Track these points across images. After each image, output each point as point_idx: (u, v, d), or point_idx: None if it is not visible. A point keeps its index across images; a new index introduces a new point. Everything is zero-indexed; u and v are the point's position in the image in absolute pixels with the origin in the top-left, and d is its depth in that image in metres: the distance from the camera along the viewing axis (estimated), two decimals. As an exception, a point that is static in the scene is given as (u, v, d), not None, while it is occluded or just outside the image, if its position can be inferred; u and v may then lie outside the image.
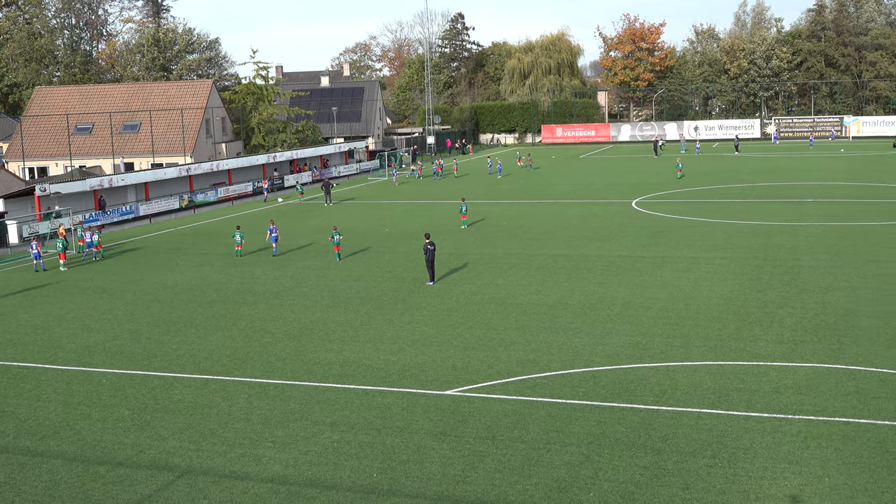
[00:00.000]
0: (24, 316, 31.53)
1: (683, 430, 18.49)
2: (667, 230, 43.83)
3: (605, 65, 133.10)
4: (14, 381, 23.87)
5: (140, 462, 18.02)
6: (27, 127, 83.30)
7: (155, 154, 78.75)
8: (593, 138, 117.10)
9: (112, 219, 56.84)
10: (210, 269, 38.84)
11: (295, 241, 44.70)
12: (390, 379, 22.64)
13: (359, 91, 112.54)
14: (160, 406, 21.34)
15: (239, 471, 17.40)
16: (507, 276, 34.68)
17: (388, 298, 31.65)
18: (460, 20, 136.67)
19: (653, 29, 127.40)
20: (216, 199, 67.13)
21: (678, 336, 25.41)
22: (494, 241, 42.86)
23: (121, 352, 26.24)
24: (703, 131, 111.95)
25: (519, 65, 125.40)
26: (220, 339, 27.11)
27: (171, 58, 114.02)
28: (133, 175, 62.82)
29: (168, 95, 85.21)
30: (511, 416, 19.65)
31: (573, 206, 54.39)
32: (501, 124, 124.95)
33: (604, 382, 21.66)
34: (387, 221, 51.18)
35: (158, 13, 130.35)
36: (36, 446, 19.12)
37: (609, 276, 33.71)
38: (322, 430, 19.31)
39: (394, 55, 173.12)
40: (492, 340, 25.76)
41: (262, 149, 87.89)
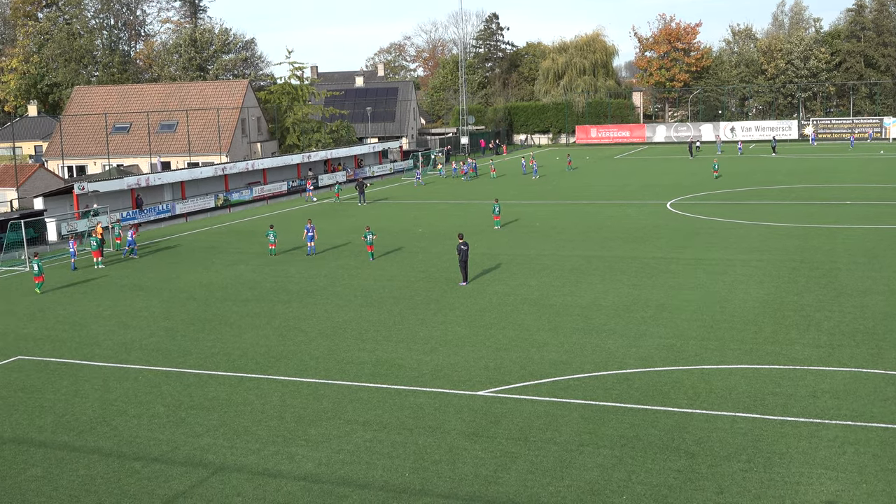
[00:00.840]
0: (61, 312, 31.97)
1: (718, 434, 18.32)
2: (702, 232, 43.47)
3: (640, 65, 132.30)
4: (52, 377, 24.20)
5: (175, 458, 18.20)
6: (66, 126, 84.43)
7: (191, 153, 79.49)
8: (628, 139, 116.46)
9: (148, 217, 57.44)
10: (245, 267, 39.13)
11: (329, 241, 44.90)
12: (423, 379, 22.67)
13: (393, 91, 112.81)
14: (195, 403, 21.53)
15: (272, 468, 17.51)
16: (540, 276, 34.58)
17: (420, 298, 31.69)
18: (495, 20, 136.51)
19: (689, 29, 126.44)
20: (251, 199, 67.62)
21: (713, 339, 25.19)
22: (528, 241, 42.76)
23: (157, 349, 26.51)
24: (740, 132, 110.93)
25: (553, 65, 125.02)
26: (254, 338, 27.31)
27: (208, 58, 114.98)
28: (169, 174, 63.46)
29: (204, 95, 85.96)
30: (543, 418, 19.59)
31: (607, 208, 54.12)
32: (535, 125, 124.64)
33: (637, 384, 21.53)
34: (420, 222, 51.25)
35: (195, 13, 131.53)
36: (73, 441, 19.38)
37: (643, 278, 33.50)
38: (355, 429, 19.38)
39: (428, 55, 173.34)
40: (524, 341, 25.70)
41: (297, 148, 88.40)
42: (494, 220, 47.17)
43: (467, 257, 33.89)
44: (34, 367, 25.24)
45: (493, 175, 77.06)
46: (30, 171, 64.78)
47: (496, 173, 78.16)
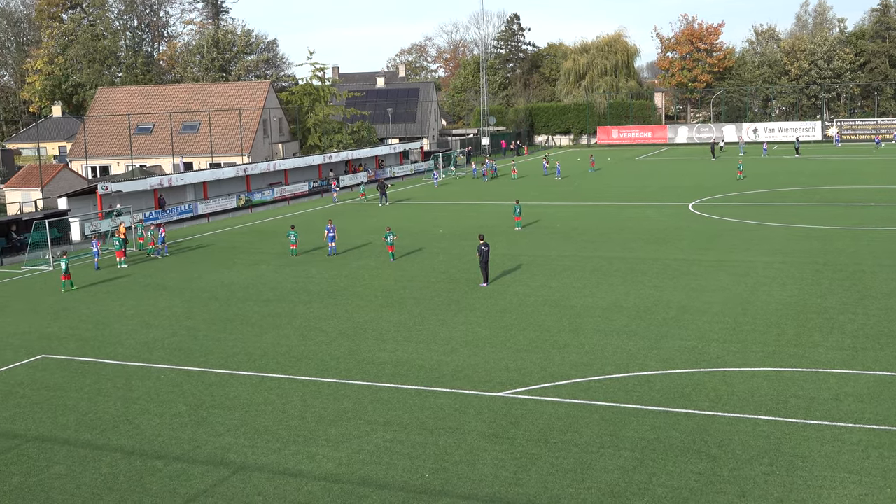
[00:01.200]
0: (85, 311, 32.22)
1: (740, 437, 18.21)
2: (724, 233, 43.23)
3: (662, 66, 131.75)
4: (75, 375, 24.40)
5: (196, 457, 18.30)
6: (90, 127, 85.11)
7: (213, 154, 79.92)
8: (650, 140, 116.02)
9: (171, 217, 57.80)
10: (266, 267, 39.29)
11: (350, 241, 45.00)
12: (443, 379, 22.67)
13: (414, 92, 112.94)
14: (216, 402, 21.64)
15: (293, 468, 17.57)
16: (561, 278, 34.51)
17: (441, 299, 31.70)
18: (516, 21, 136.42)
19: (711, 29, 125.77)
20: (272, 199, 67.89)
21: (735, 341, 25.04)
22: (548, 242, 42.68)
23: (179, 348, 26.67)
24: (763, 133, 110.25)
25: (575, 66, 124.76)
26: (275, 338, 27.41)
27: (230, 59, 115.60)
28: (192, 174, 63.83)
29: (226, 96, 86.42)
30: (564, 419, 19.55)
31: (629, 209, 53.93)
32: (557, 126, 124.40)
33: (658, 387, 21.44)
34: (441, 222, 51.27)
35: (218, 15, 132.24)
36: (96, 439, 19.52)
37: (665, 280, 33.35)
38: (375, 430, 19.41)
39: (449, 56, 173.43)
40: (545, 342, 25.65)
41: (318, 149, 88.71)
42: (515, 221, 47.11)
43: (488, 258, 33.87)
44: (58, 365, 25.46)
45: (514, 176, 76.94)
46: (54, 172, 65.34)
47: (517, 174, 78.03)
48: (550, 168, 78.36)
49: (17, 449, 19.15)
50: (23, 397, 22.64)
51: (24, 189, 63.49)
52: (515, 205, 47.71)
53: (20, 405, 22.03)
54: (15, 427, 20.51)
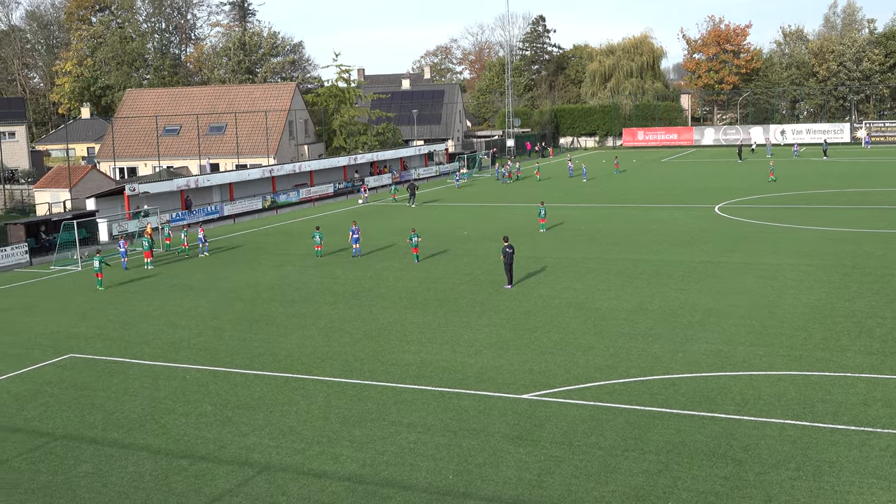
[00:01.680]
0: (112, 312, 32.50)
1: (766, 441, 18.07)
2: (750, 236, 42.91)
3: (688, 67, 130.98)
4: (103, 374, 24.62)
5: (221, 457, 18.40)
6: (118, 128, 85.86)
7: (239, 155, 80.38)
8: (676, 142, 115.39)
9: (197, 218, 58.16)
10: (291, 268, 39.45)
11: (374, 243, 45.09)
12: (467, 381, 22.66)
13: (439, 94, 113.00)
14: (241, 402, 21.76)
15: (317, 468, 17.63)
16: (585, 280, 34.40)
17: (465, 301, 31.69)
18: (541, 23, 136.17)
19: (738, 30, 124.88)
20: (298, 200, 68.19)
21: (762, 344, 24.85)
22: (573, 244, 42.56)
23: (205, 348, 26.84)
24: (791, 135, 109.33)
25: (600, 67, 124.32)
26: (300, 338, 27.52)
27: (256, 61, 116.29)
28: (218, 176, 64.24)
29: (253, 98, 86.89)
30: (588, 422, 19.48)
31: (654, 211, 53.67)
32: (582, 127, 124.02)
33: (684, 390, 21.31)
34: (465, 224, 51.25)
35: (244, 17, 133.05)
36: (122, 438, 19.69)
37: (690, 282, 33.16)
38: (399, 431, 19.43)
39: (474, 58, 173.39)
40: (569, 345, 25.58)
41: (344, 151, 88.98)
42: (540, 224, 47.02)
43: (512, 260, 33.82)
44: (85, 364, 25.70)
45: (538, 178, 76.75)
46: (82, 173, 65.98)
47: (540, 176, 77.85)
48: (576, 170, 78.09)
49: (44, 447, 19.35)
50: (51, 396, 22.88)
51: (53, 190, 64.18)
52: (540, 206, 47.61)
53: (48, 404, 22.26)
54: (43, 425, 20.72)
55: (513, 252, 33.82)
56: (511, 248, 33.79)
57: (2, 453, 19.10)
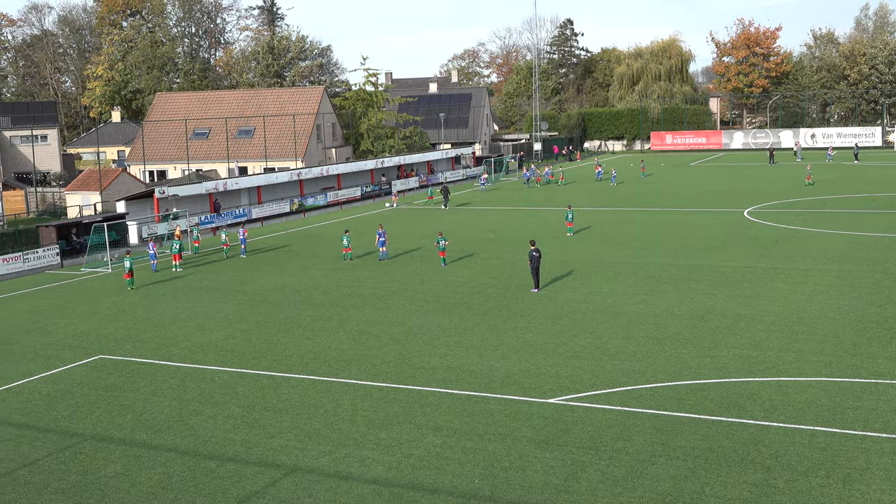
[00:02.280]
0: (142, 313, 32.78)
1: (795, 448, 17.90)
2: (780, 240, 42.54)
3: (717, 70, 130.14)
4: (132, 376, 24.83)
5: (249, 458, 18.50)
6: (148, 132, 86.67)
7: (267, 158, 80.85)
8: (704, 146, 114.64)
9: (226, 221, 58.56)
10: (318, 271, 39.60)
11: (401, 246, 45.17)
12: (493, 385, 22.64)
13: (466, 97, 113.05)
14: (268, 405, 21.86)
15: (343, 471, 17.68)
16: (612, 284, 34.25)
17: (492, 304, 31.66)
18: (569, 26, 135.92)
19: (768, 33, 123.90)
20: (325, 203, 68.47)
21: (791, 350, 24.62)
22: (600, 248, 42.40)
23: (232, 351, 27.00)
24: (821, 139, 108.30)
25: (628, 71, 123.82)
26: (326, 341, 27.61)
27: (285, 65, 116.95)
28: (246, 179, 64.64)
29: (281, 102, 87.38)
30: (615, 427, 19.39)
31: (682, 215, 53.35)
32: (609, 131, 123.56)
33: (712, 396, 21.16)
34: (492, 227, 51.21)
35: (273, 21, 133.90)
36: (151, 439, 19.84)
37: (719, 287, 32.92)
38: (425, 434, 19.44)
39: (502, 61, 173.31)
40: (596, 349, 25.48)
41: (371, 154, 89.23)
42: (567, 227, 46.89)
43: (539, 264, 33.75)
44: (115, 366, 25.94)
45: (562, 182, 76.41)
46: (113, 176, 66.69)
47: (564, 181, 77.51)
48: (605, 173, 77.63)
49: (74, 447, 19.55)
50: (81, 396, 23.11)
51: (83, 192, 64.90)
52: (568, 210, 47.47)
53: (78, 404, 22.49)
54: (73, 426, 20.94)
55: (539, 256, 33.74)
56: (538, 252, 33.72)
57: (32, 453, 19.32)
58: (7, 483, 17.76)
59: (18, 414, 21.99)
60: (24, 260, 43.89)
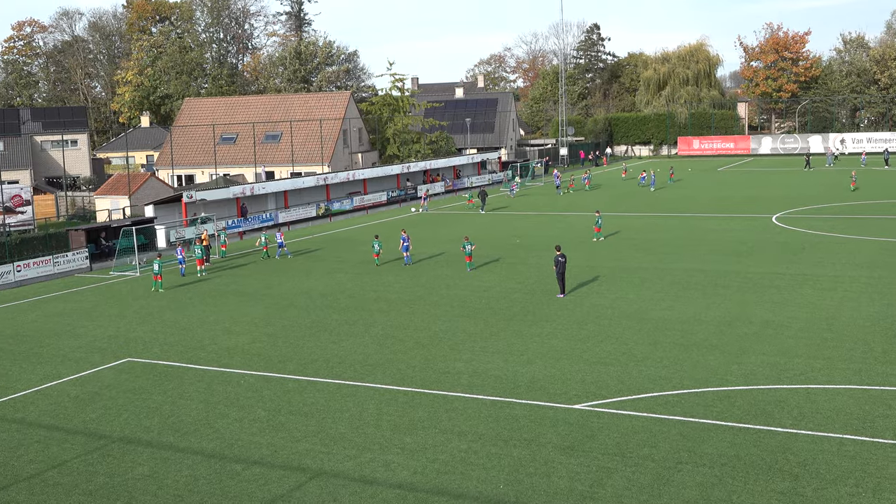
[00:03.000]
0: (169, 317, 33.03)
1: (824, 456, 17.71)
2: (809, 247, 42.16)
3: (745, 75, 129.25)
4: (159, 379, 25.02)
5: (274, 462, 18.57)
6: (176, 137, 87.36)
7: (294, 163, 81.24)
8: (732, 151, 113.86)
9: (252, 225, 58.91)
10: (344, 275, 39.71)
11: (427, 251, 45.20)
12: (519, 391, 22.59)
13: (492, 102, 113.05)
14: (294, 408, 21.94)
15: (368, 475, 17.70)
16: (639, 290, 34.08)
17: (517, 309, 31.61)
18: (596, 31, 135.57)
19: (797, 38, 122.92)
20: (351, 208, 68.69)
21: (820, 357, 24.38)
22: (627, 254, 42.20)
23: (258, 354, 27.13)
24: (851, 144, 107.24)
25: (655, 75, 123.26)
26: (352, 345, 27.68)
27: (312, 70, 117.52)
28: (273, 183, 65.00)
29: (308, 107, 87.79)
30: (641, 433, 19.28)
31: (710, 220, 53.01)
32: (636, 136, 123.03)
33: (739, 403, 20.99)
34: (518, 232, 51.13)
35: (300, 27, 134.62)
36: (178, 442, 19.98)
37: (746, 293, 32.67)
38: (450, 439, 19.43)
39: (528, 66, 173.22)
40: (622, 355, 25.36)
41: (397, 159, 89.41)
42: (595, 232, 46.74)
43: (565, 269, 33.66)
44: (142, 369, 26.15)
45: (588, 188, 75.97)
46: (142, 180, 67.27)
47: (589, 186, 77.12)
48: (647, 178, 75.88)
49: (102, 449, 19.72)
50: (109, 399, 23.31)
51: (113, 197, 65.52)
52: (596, 216, 47.35)
53: (106, 407, 22.69)
54: (101, 428, 21.12)
55: (565, 261, 33.65)
56: (563, 257, 33.62)
57: (61, 455, 19.51)
58: (36, 484, 17.95)
59: (48, 416, 22.23)
60: (54, 263, 44.37)
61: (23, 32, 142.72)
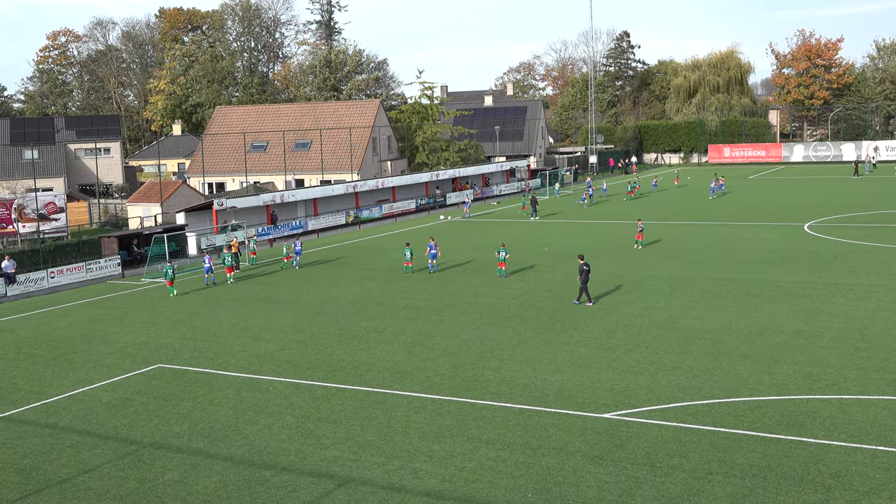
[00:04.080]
0: (199, 323, 33.26)
1: (857, 468, 17.48)
2: (841, 255, 41.69)
3: (777, 82, 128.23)
4: (190, 385, 25.20)
5: (303, 468, 18.63)
6: (207, 144, 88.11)
7: (324, 171, 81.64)
8: (763, 159, 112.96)
9: (282, 233, 59.23)
10: (373, 283, 39.80)
11: (455, 258, 45.18)
12: (547, 399, 22.51)
13: (521, 110, 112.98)
14: (323, 415, 22.00)
15: (396, 483, 17.70)
16: (669, 298, 33.87)
17: (546, 318, 31.51)
18: (626, 38, 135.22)
19: (830, 45, 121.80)
20: (380, 216, 68.88)
21: (853, 367, 24.08)
22: (657, 262, 41.95)
23: (287, 361, 27.25)
24: (884, 152, 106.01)
25: (685, 83, 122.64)
26: (380, 352, 27.73)
27: (342, 78, 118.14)
28: (303, 191, 65.33)
29: (337, 115, 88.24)
30: (671, 443, 19.13)
31: (741, 229, 52.59)
32: (666, 144, 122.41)
33: (770, 413, 20.78)
34: (548, 241, 51.00)
35: (331, 36, 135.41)
36: (207, 448, 20.09)
37: (778, 302, 32.35)
38: (478, 448, 19.39)
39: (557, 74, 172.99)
40: (652, 364, 25.20)
41: (426, 167, 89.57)
42: (637, 240, 46.59)
43: (588, 278, 33.45)
44: (173, 375, 26.35)
45: (630, 197, 75.60)
46: (173, 188, 67.86)
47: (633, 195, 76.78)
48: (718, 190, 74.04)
49: (133, 455, 19.88)
50: (140, 405, 23.51)
51: (145, 204, 66.16)
52: (638, 223, 47.27)
53: (137, 412, 22.88)
54: (132, 433, 21.30)
55: (589, 270, 33.49)
56: (587, 266, 33.47)
57: (92, 460, 19.70)
58: (68, 489, 18.13)
59: (80, 421, 22.45)
60: (86, 270, 44.87)
61: (57, 42, 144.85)
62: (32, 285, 42.40)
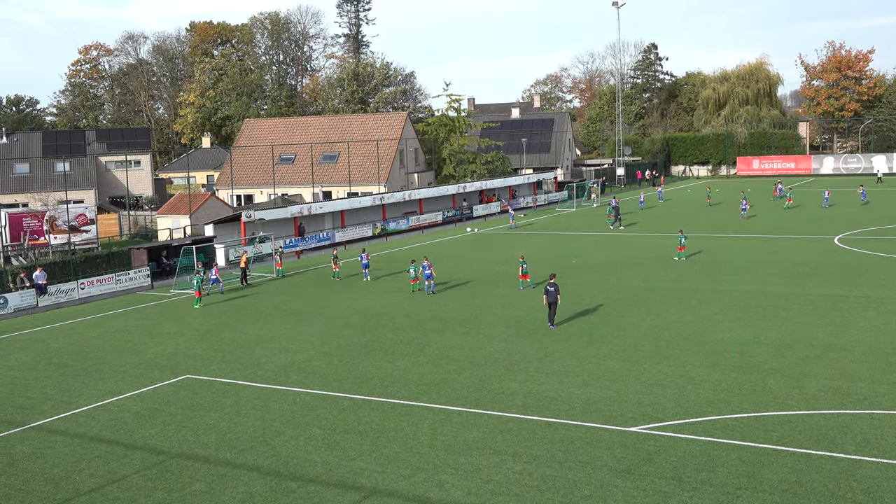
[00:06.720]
0: (227, 335, 33.45)
1: (890, 484, 17.22)
2: (872, 268, 41.21)
3: (806, 94, 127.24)
4: (217, 396, 25.32)
5: (329, 480, 18.64)
6: (236, 157, 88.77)
7: (351, 183, 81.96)
8: (793, 171, 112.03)
9: (310, 245, 59.49)
10: (400, 295, 39.84)
11: (481, 271, 45.12)
12: (574, 412, 22.39)
13: (548, 122, 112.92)
14: (349, 427, 22.02)
15: (422, 495, 17.66)
16: (697, 311, 33.62)
17: (573, 330, 31.38)
18: (653, 50, 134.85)
19: (860, 56, 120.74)
20: (407, 228, 69.01)
21: (885, 382, 23.76)
22: (685, 275, 41.69)
23: (314, 372, 27.32)
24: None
25: (714, 95, 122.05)
26: (407, 365, 27.72)
27: (369, 91, 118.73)
28: (330, 203, 65.63)
29: (365, 127, 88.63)
30: (699, 458, 18.96)
31: (770, 241, 52.15)
32: (694, 156, 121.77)
33: (800, 427, 20.54)
34: (576, 252, 50.84)
35: (358, 49, 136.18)
36: (234, 458, 20.17)
37: (808, 316, 32.02)
38: (504, 460, 19.32)
39: (584, 86, 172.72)
40: (680, 377, 25.00)
41: (453, 179, 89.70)
42: (678, 252, 46.40)
43: (556, 299, 31.79)
44: (201, 385, 26.50)
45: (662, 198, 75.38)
46: (202, 200, 68.41)
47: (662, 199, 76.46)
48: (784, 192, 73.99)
49: (161, 465, 19.99)
50: (168, 415, 23.65)
51: (174, 216, 66.74)
52: (680, 235, 47.14)
53: (165, 423, 23.02)
54: (160, 444, 21.43)
55: (556, 291, 31.72)
56: (552, 287, 31.67)
57: (121, 469, 19.83)
58: (97, 498, 18.26)
59: (108, 431, 22.62)
60: (116, 281, 45.30)
61: (89, 56, 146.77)
62: (63, 296, 42.87)
